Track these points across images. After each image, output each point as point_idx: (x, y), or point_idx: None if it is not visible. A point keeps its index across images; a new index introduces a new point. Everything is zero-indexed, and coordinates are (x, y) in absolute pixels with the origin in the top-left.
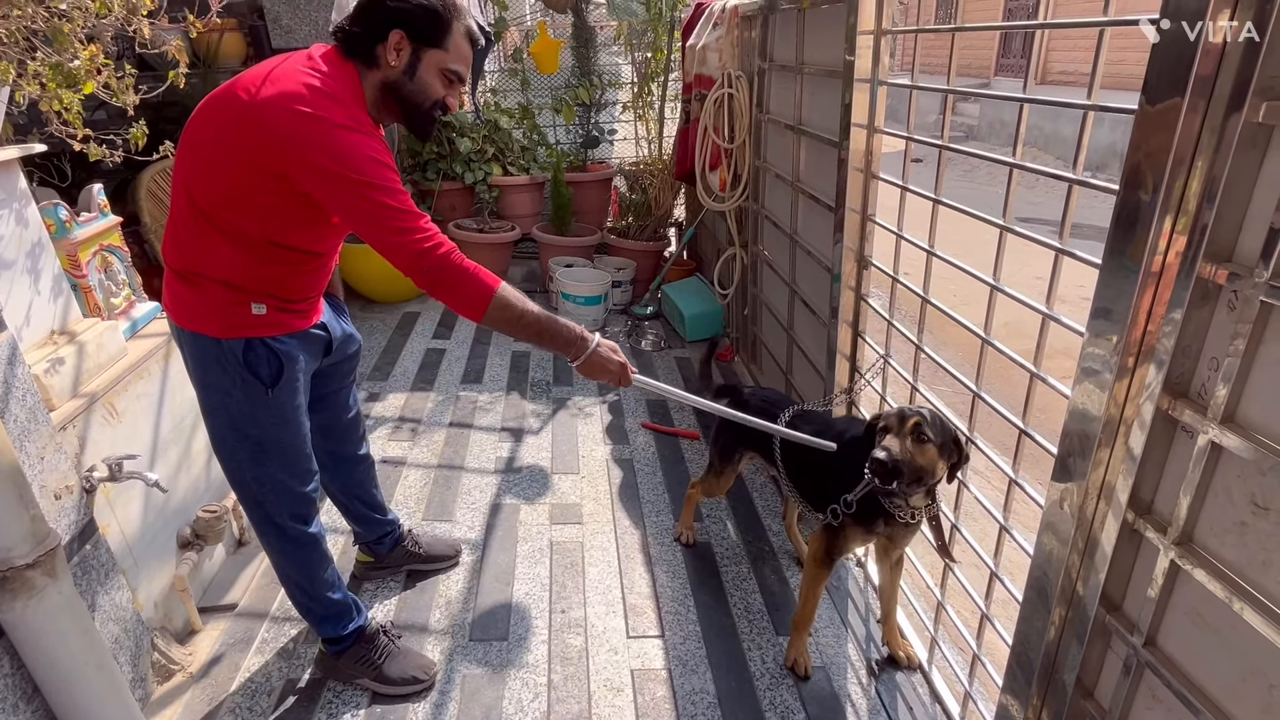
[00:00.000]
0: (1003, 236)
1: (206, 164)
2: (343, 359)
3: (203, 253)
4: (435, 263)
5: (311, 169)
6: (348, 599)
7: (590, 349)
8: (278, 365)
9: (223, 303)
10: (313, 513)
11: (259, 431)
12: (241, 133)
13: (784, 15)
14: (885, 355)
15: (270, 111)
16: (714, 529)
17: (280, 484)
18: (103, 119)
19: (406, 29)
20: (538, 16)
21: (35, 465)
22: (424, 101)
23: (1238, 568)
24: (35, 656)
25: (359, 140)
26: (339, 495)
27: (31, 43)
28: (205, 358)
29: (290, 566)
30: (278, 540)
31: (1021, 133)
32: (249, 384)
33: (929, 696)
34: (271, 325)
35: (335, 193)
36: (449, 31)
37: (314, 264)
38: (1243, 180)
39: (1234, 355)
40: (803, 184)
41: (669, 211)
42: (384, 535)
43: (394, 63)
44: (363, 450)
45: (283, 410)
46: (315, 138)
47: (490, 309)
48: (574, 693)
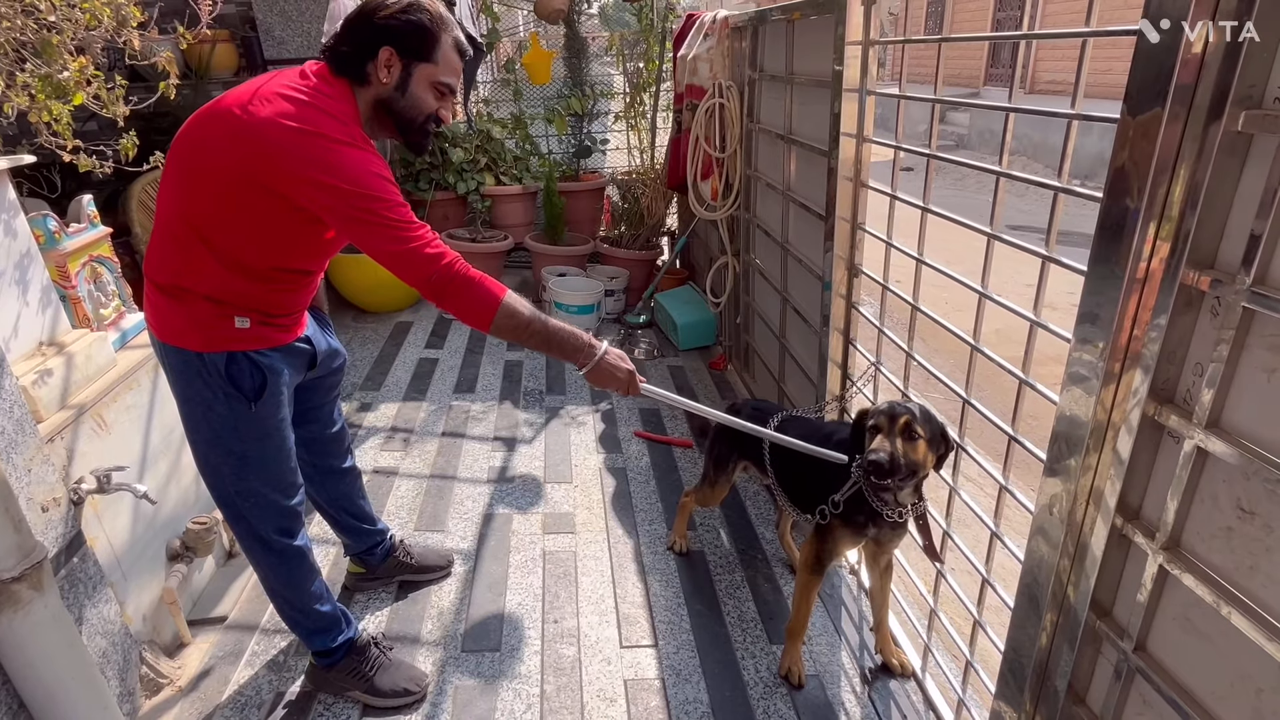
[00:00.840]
0: (990, 244)
1: (198, 180)
2: (327, 373)
3: (188, 268)
4: (441, 272)
5: (310, 185)
6: (336, 611)
7: (598, 356)
8: (260, 378)
9: (206, 316)
10: (298, 526)
11: (242, 446)
12: (236, 150)
13: (774, 26)
14: (876, 363)
15: (266, 129)
16: (708, 538)
17: (264, 498)
18: (93, 130)
19: (396, 45)
20: (530, 27)
21: (22, 477)
22: (417, 116)
23: (1225, 572)
24: (21, 671)
25: (356, 155)
26: (326, 508)
27: (21, 54)
28: (187, 371)
29: (276, 580)
30: (263, 554)
31: (1008, 141)
32: (231, 398)
33: (923, 704)
34: (254, 339)
35: (336, 207)
36: (438, 45)
37: (303, 281)
38: (1223, 188)
39: (1218, 361)
40: (793, 193)
41: (661, 220)
42: (374, 546)
43: (385, 79)
44: (348, 463)
45: (266, 424)
46: (312, 154)
47: (498, 318)
48: (567, 704)
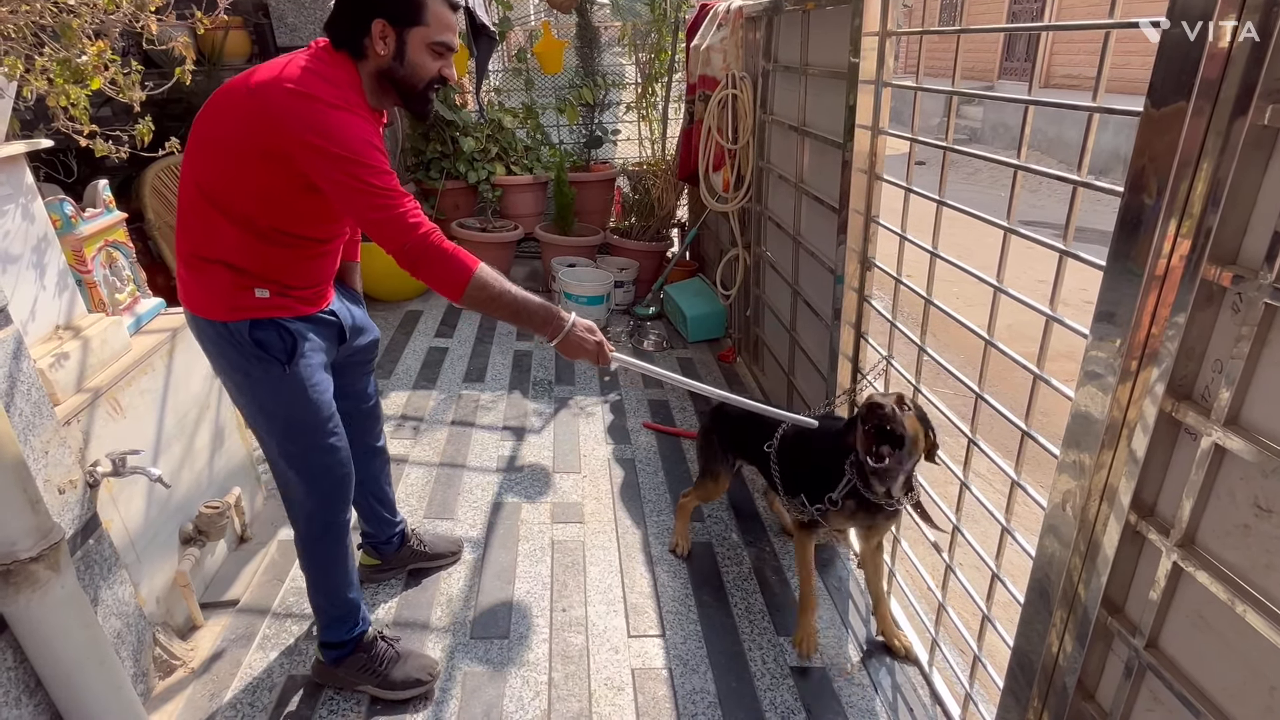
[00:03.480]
0: (1006, 239)
1: (210, 151)
2: (358, 350)
3: (206, 235)
4: (417, 241)
5: (305, 146)
6: (359, 602)
7: (567, 328)
8: (291, 341)
9: (227, 285)
10: (346, 495)
11: (285, 410)
12: (242, 117)
13: (788, 16)
14: (888, 357)
15: (266, 93)
16: (715, 529)
17: (314, 463)
18: (108, 115)
19: (386, 16)
20: (542, 17)
21: (40, 459)
22: (418, 83)
23: (1240, 570)
24: (38, 650)
25: (348, 119)
26: (355, 491)
27: (39, 38)
28: (220, 341)
29: (315, 558)
30: (307, 526)
31: (1026, 135)
32: (265, 361)
33: (929, 698)
34: (275, 308)
35: (324, 169)
36: (425, 6)
37: (316, 250)
38: (1248, 183)
39: (1238, 358)
40: (806, 185)
41: (672, 212)
42: (392, 536)
43: (382, 51)
44: (381, 442)
45: (304, 386)
46: (307, 116)
47: (469, 289)
48: (574, 691)
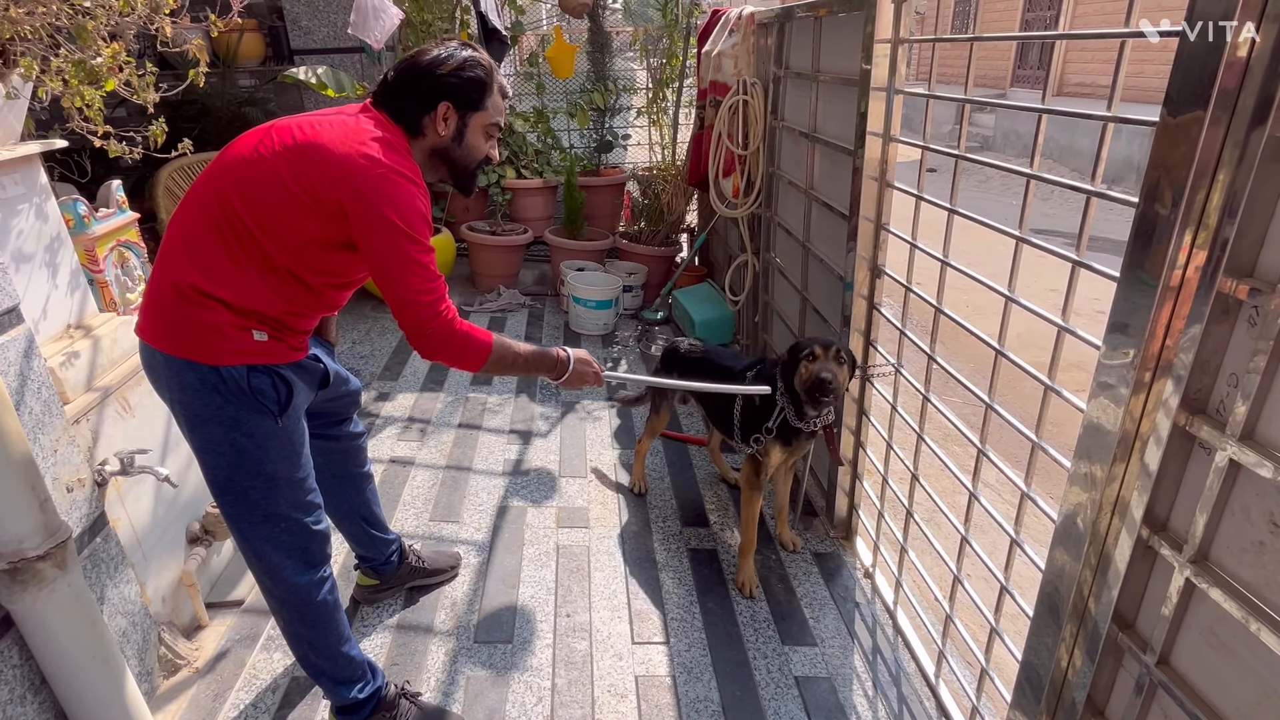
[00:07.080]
0: (1018, 247)
1: (253, 190)
2: (340, 395)
3: (215, 268)
4: (442, 328)
5: (371, 213)
6: (363, 657)
7: (570, 368)
8: (286, 389)
9: (224, 326)
10: (325, 551)
11: (272, 465)
12: (306, 169)
13: (800, 23)
14: (897, 365)
15: (343, 154)
16: (721, 536)
17: (294, 523)
18: (123, 116)
19: (454, 100)
20: (554, 21)
21: (49, 458)
22: (471, 163)
23: (1255, 588)
24: (44, 648)
25: (414, 192)
26: (345, 521)
27: (55, 40)
28: (203, 388)
29: (301, 620)
30: (288, 592)
31: (1039, 143)
32: (259, 412)
33: (935, 710)
34: (269, 354)
35: (377, 236)
36: (490, 92)
37: (336, 298)
38: (1265, 195)
39: (1254, 371)
40: (816, 192)
41: (681, 217)
42: (390, 554)
43: (443, 132)
44: (366, 467)
45: (293, 440)
46: (381, 184)
47: (487, 366)
48: (578, 697)
